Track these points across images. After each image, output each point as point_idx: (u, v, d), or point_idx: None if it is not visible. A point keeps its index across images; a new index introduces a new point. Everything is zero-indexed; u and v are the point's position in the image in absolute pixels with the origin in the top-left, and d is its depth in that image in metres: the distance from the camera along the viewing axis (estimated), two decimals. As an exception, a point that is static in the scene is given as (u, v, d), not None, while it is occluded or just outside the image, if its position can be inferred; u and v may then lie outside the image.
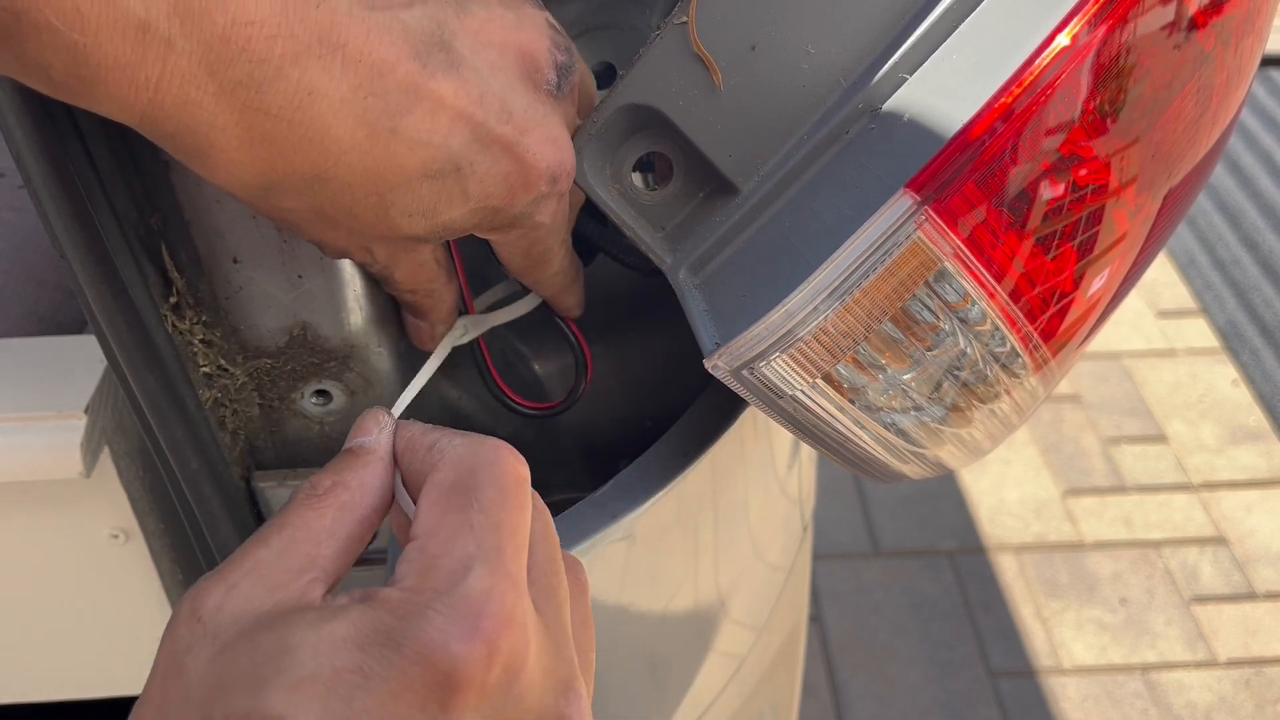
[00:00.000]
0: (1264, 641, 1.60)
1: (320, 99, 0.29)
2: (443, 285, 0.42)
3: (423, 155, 0.31)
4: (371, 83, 0.30)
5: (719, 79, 0.35)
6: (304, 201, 0.32)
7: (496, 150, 0.33)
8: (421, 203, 0.33)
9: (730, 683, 0.64)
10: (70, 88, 0.27)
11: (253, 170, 0.30)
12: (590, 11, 0.46)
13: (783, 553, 0.68)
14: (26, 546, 0.56)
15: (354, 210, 0.33)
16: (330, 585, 0.30)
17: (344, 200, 0.32)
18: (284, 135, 0.29)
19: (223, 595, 0.28)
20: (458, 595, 0.27)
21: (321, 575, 0.29)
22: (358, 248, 0.37)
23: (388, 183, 0.32)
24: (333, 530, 0.31)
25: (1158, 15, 0.32)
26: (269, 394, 0.46)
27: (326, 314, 0.44)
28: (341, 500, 0.31)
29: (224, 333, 0.44)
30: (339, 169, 0.31)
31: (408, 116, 0.31)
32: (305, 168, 0.30)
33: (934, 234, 0.31)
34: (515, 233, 0.37)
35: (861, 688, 1.55)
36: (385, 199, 0.32)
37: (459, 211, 0.34)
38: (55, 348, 0.53)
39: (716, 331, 0.35)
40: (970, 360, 0.34)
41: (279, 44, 0.28)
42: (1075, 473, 1.84)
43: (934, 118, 0.31)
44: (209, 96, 0.28)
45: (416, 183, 0.32)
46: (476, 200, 0.34)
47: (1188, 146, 0.36)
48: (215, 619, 0.28)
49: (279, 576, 0.29)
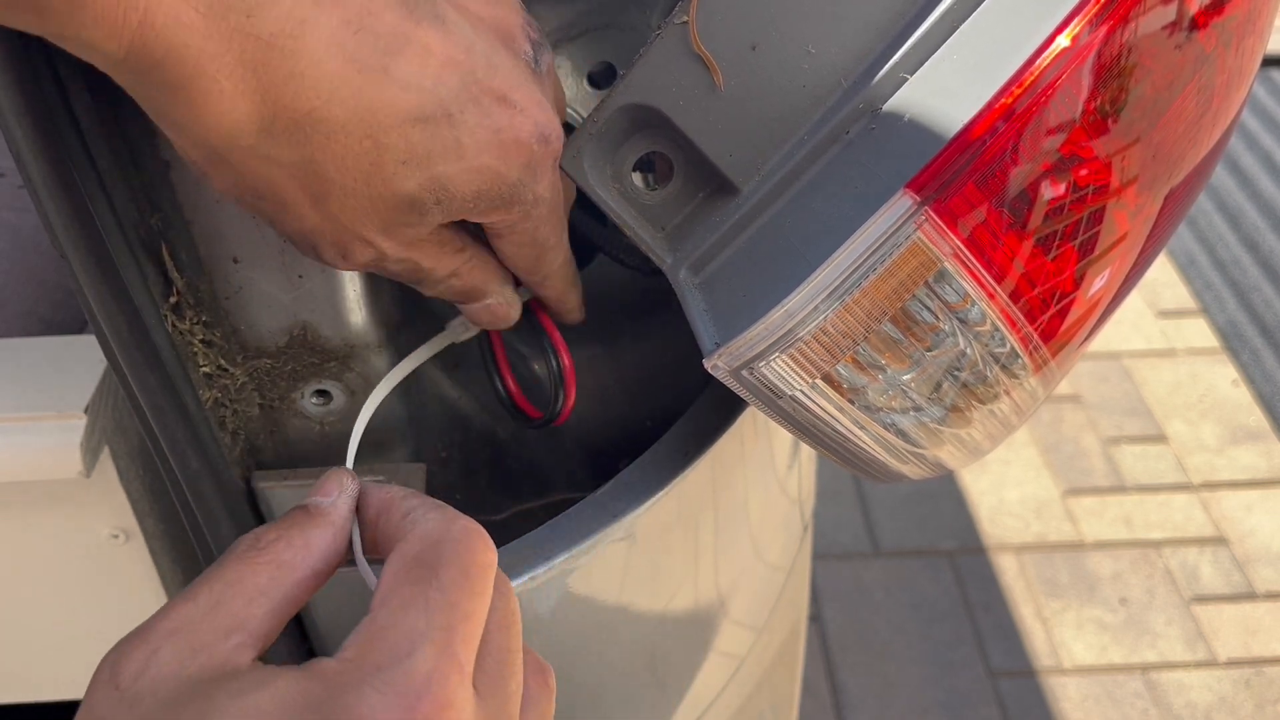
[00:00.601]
0: (1264, 641, 1.60)
1: (311, 29, 0.29)
2: (478, 255, 0.40)
3: (415, 98, 0.31)
4: (361, 19, 0.30)
5: (719, 79, 0.35)
6: (296, 151, 0.31)
7: (486, 102, 0.33)
8: (414, 149, 0.32)
9: (730, 683, 0.64)
10: (57, 9, 0.26)
11: (244, 105, 0.29)
12: (590, 11, 0.46)
13: (783, 553, 0.68)
14: (26, 546, 0.56)
15: (346, 159, 0.32)
16: (260, 649, 0.28)
17: (336, 145, 0.31)
18: (276, 64, 0.29)
19: (143, 661, 0.27)
20: (398, 672, 0.26)
21: (250, 639, 0.28)
22: (357, 239, 0.35)
23: (380, 123, 0.31)
24: (267, 589, 0.29)
25: (1159, 15, 0.32)
26: (269, 394, 0.47)
27: (326, 314, 0.44)
28: (283, 558, 0.30)
29: (224, 333, 0.44)
30: (331, 107, 0.30)
31: (398, 57, 0.31)
32: (298, 103, 0.30)
33: (934, 234, 0.31)
34: (516, 211, 0.36)
35: (861, 688, 1.55)
36: (379, 142, 0.31)
37: (455, 167, 0.33)
38: (55, 348, 0.53)
39: (716, 331, 0.35)
40: (970, 361, 0.34)
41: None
42: (1075, 473, 1.84)
43: (934, 118, 0.31)
44: (199, 18, 0.27)
45: (408, 126, 0.32)
46: (471, 154, 0.33)
47: (1189, 147, 0.36)
48: (134, 687, 0.26)
49: (204, 637, 0.27)
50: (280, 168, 0.32)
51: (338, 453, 0.49)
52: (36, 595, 0.58)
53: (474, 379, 0.54)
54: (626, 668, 0.54)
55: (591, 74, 0.47)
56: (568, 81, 0.47)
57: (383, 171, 0.32)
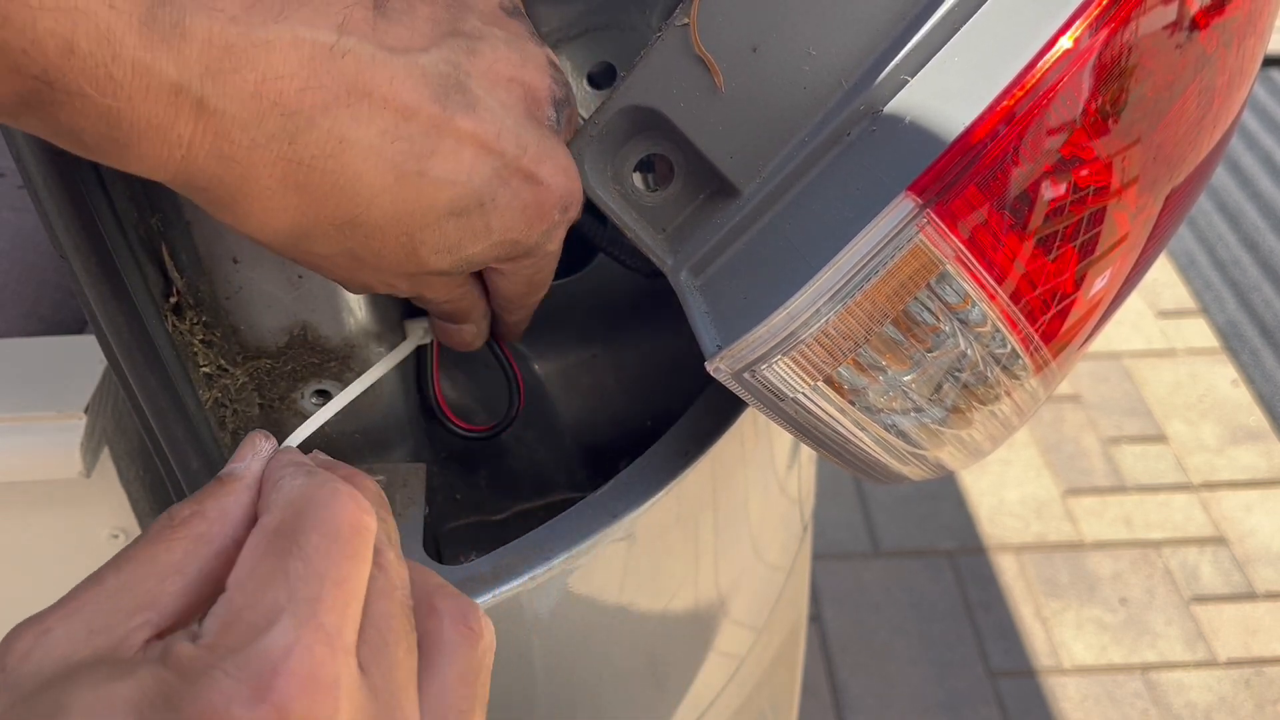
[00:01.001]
0: (1264, 641, 1.60)
1: (351, 146, 0.30)
2: (475, 287, 0.42)
3: (450, 193, 0.32)
4: (398, 127, 0.30)
5: (720, 80, 0.35)
6: (336, 246, 0.33)
7: (516, 183, 0.34)
8: (448, 240, 0.34)
9: (730, 683, 0.64)
10: (104, 150, 0.28)
11: (286, 218, 0.31)
12: (590, 11, 0.46)
13: (783, 553, 0.68)
14: (26, 546, 0.56)
15: (383, 252, 0.33)
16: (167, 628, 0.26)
17: (374, 243, 0.33)
18: (317, 183, 0.30)
19: (32, 641, 0.25)
20: (252, 652, 0.23)
21: (158, 617, 0.26)
22: (382, 284, 0.37)
23: (417, 223, 0.33)
24: (181, 565, 0.27)
25: (1160, 17, 0.32)
26: (269, 394, 0.46)
27: (326, 314, 0.44)
28: (197, 531, 0.28)
29: (224, 333, 0.44)
30: (370, 212, 0.31)
31: (434, 157, 0.31)
32: (338, 214, 0.31)
33: (936, 237, 0.31)
34: (527, 262, 0.38)
35: (861, 688, 1.55)
36: (414, 239, 0.33)
37: (482, 245, 0.35)
38: (55, 348, 0.53)
39: (718, 334, 0.35)
40: (971, 362, 0.34)
41: (309, 95, 0.28)
42: (1075, 473, 1.84)
43: (936, 120, 0.31)
44: (242, 150, 0.28)
45: (444, 221, 0.33)
46: (499, 234, 0.35)
47: (1190, 147, 0.36)
48: (19, 668, 0.25)
49: (105, 618, 0.26)
50: (322, 257, 0.34)
51: (338, 452, 0.49)
52: (36, 595, 0.58)
53: (474, 379, 0.54)
54: (626, 668, 0.53)
55: (591, 74, 0.47)
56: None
57: (417, 257, 0.34)
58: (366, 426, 0.49)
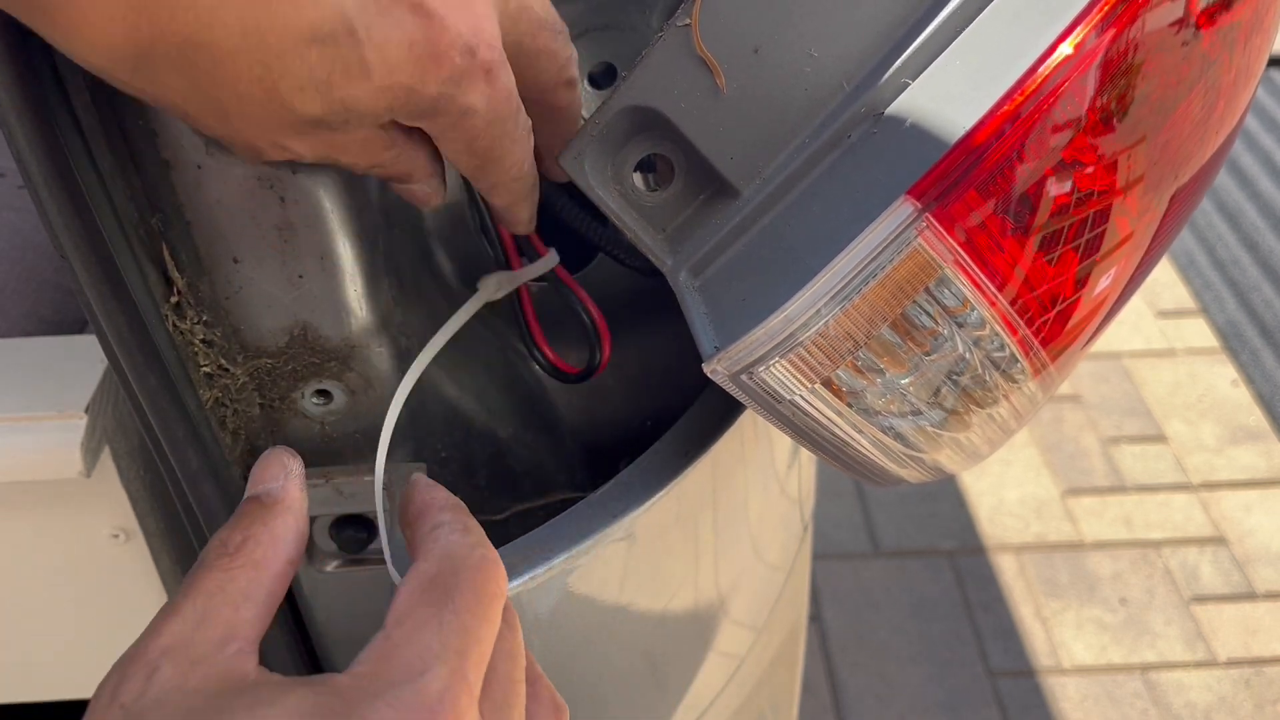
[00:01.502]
0: (1264, 641, 1.60)
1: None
2: (407, 149, 0.36)
3: (310, 14, 0.28)
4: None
5: (721, 81, 0.35)
6: (182, 78, 0.29)
7: (398, 12, 0.29)
8: (313, 73, 0.29)
9: (730, 683, 0.64)
10: None
11: (117, 32, 0.27)
12: (590, 11, 0.46)
13: (783, 552, 0.68)
14: (26, 546, 0.56)
15: (238, 88, 0.29)
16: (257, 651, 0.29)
17: (226, 74, 0.28)
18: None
19: (144, 680, 0.27)
20: (411, 689, 0.26)
21: (246, 644, 0.28)
22: (270, 144, 0.32)
23: (271, 49, 0.28)
24: (249, 592, 0.29)
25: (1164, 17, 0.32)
26: (269, 394, 0.46)
27: (326, 314, 0.44)
28: (254, 557, 0.30)
29: (224, 333, 0.44)
30: (214, 31, 0.27)
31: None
32: (176, 29, 0.27)
33: (934, 240, 0.31)
34: (442, 121, 0.33)
35: (861, 687, 1.55)
36: (272, 69, 0.29)
37: (361, 88, 0.30)
38: (55, 348, 0.53)
39: (716, 335, 0.35)
40: (969, 365, 0.34)
41: None
42: (1075, 473, 1.84)
43: (936, 123, 0.31)
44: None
45: (304, 48, 0.28)
46: (380, 75, 0.30)
47: (1194, 149, 0.36)
48: (138, 704, 0.27)
49: (200, 649, 0.28)
50: (171, 91, 0.29)
51: (338, 453, 0.49)
52: (36, 595, 0.58)
53: (475, 379, 0.54)
54: (626, 668, 0.54)
55: (592, 74, 0.47)
56: (569, 82, 0.47)
57: (279, 96, 0.29)
58: (366, 426, 0.49)
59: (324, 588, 0.52)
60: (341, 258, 0.43)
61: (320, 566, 0.51)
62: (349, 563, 0.51)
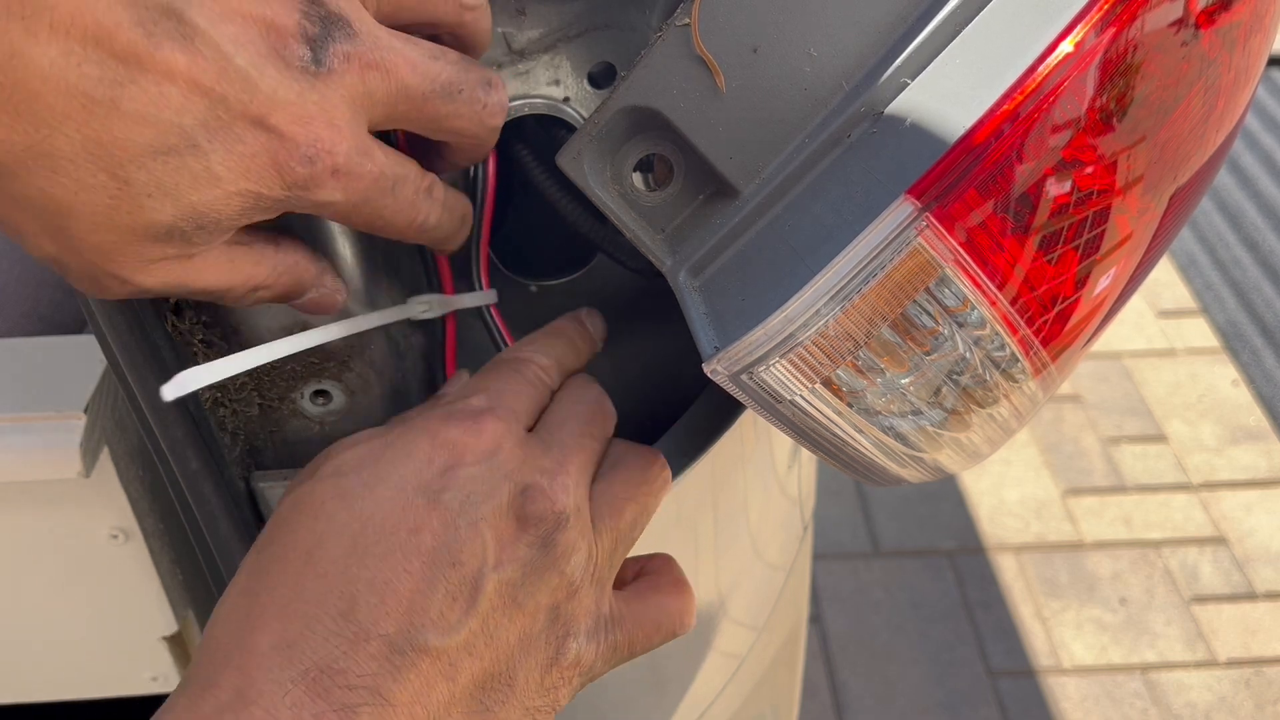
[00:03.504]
0: (1264, 641, 1.60)
1: (26, 63, 0.27)
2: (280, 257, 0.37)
3: (151, 132, 0.29)
4: (85, 50, 0.27)
5: (721, 81, 0.35)
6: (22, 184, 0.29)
7: (239, 129, 0.30)
8: (160, 182, 0.30)
9: (730, 683, 0.64)
10: None
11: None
12: (590, 11, 0.46)
13: (783, 552, 0.68)
14: (26, 546, 0.56)
15: (82, 195, 0.30)
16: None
17: (68, 180, 0.29)
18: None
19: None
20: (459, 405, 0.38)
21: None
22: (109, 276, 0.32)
23: (115, 159, 0.29)
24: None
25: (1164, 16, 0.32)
26: (268, 394, 0.46)
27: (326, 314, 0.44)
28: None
29: (224, 333, 0.44)
30: (57, 140, 0.28)
31: (130, 88, 0.28)
32: (19, 137, 0.28)
33: (935, 240, 0.31)
34: (307, 210, 0.34)
35: (861, 688, 1.55)
36: (117, 176, 0.29)
37: (212, 194, 0.31)
38: (55, 348, 0.53)
39: (716, 335, 0.35)
40: (969, 365, 0.34)
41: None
42: (1075, 473, 1.84)
43: (936, 122, 0.31)
44: None
45: (148, 160, 0.29)
46: (232, 182, 0.31)
47: (1194, 148, 0.36)
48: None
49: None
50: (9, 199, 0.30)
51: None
52: (36, 595, 0.58)
53: (474, 379, 0.54)
54: (626, 668, 0.54)
55: (591, 74, 0.47)
56: (568, 81, 0.47)
57: (128, 204, 0.30)
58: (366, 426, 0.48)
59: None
60: (340, 257, 0.43)
61: (320, 567, 0.51)
62: None
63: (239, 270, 0.35)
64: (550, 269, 0.52)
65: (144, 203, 0.30)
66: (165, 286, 0.33)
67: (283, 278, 0.37)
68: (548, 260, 0.52)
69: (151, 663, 0.61)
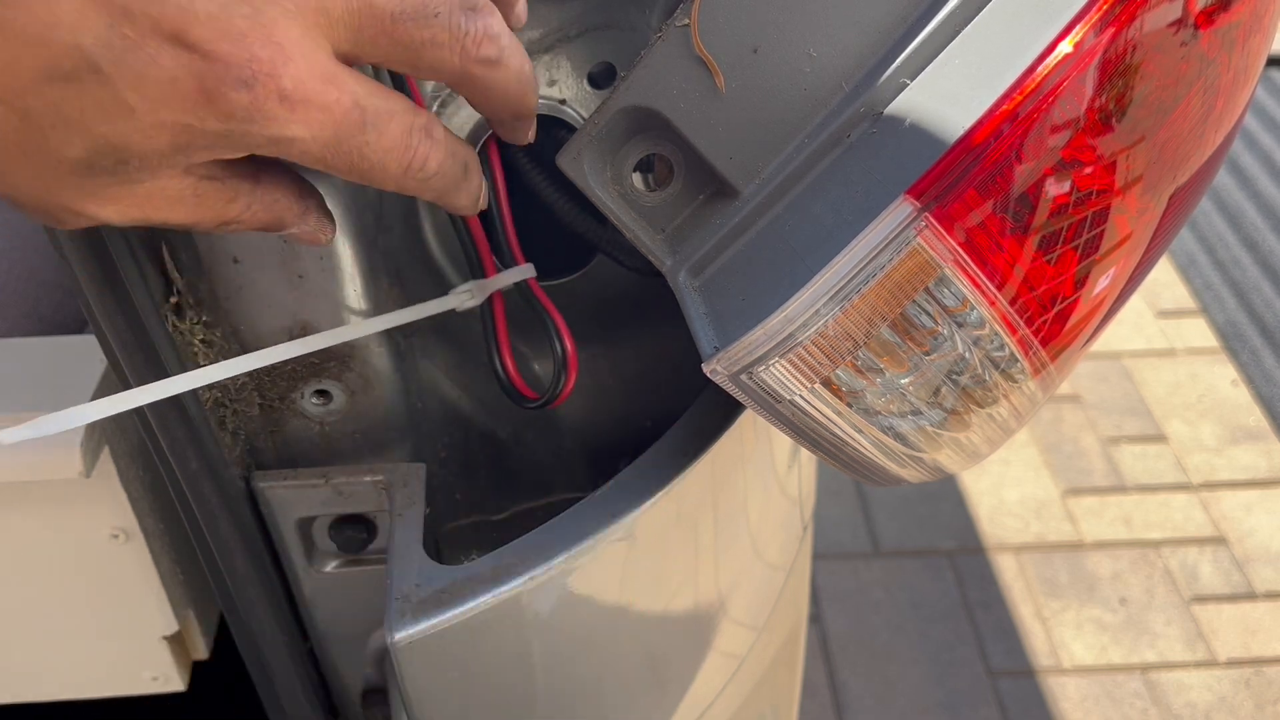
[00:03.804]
0: (1264, 641, 1.60)
1: None
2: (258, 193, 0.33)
3: (43, 54, 0.26)
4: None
5: (720, 81, 0.35)
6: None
7: (153, 48, 0.26)
8: (62, 112, 0.26)
9: (730, 683, 0.64)
10: None
11: None
12: (590, 11, 0.46)
13: (783, 552, 0.68)
14: (26, 546, 0.56)
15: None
16: None
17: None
18: None
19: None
20: None
21: None
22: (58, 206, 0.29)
23: (9, 88, 0.26)
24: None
25: (1163, 16, 0.32)
26: (269, 394, 0.47)
27: (326, 314, 0.44)
28: None
29: (224, 333, 0.44)
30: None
31: (14, 5, 0.25)
32: None
33: (934, 240, 0.31)
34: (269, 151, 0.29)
35: (861, 688, 1.55)
36: (15, 107, 0.26)
37: (125, 126, 0.27)
38: (55, 348, 0.53)
39: (715, 335, 0.35)
40: (969, 365, 0.34)
41: None
42: (1075, 473, 1.84)
43: (935, 123, 0.31)
44: None
45: (44, 86, 0.26)
46: (150, 112, 0.27)
47: (1193, 148, 0.36)
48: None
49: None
50: None
51: (338, 453, 0.49)
52: (37, 595, 0.58)
53: (475, 379, 0.54)
54: (626, 668, 0.53)
55: (591, 74, 0.47)
56: (568, 81, 0.47)
57: (35, 136, 0.27)
58: (366, 426, 0.49)
59: (324, 588, 0.52)
60: (341, 257, 0.43)
61: (320, 567, 0.51)
62: (349, 563, 0.51)
63: (208, 206, 0.31)
64: (550, 269, 0.52)
65: (48, 134, 0.27)
66: (123, 218, 0.30)
67: (259, 215, 0.33)
68: (547, 260, 0.52)
69: (151, 663, 0.61)
